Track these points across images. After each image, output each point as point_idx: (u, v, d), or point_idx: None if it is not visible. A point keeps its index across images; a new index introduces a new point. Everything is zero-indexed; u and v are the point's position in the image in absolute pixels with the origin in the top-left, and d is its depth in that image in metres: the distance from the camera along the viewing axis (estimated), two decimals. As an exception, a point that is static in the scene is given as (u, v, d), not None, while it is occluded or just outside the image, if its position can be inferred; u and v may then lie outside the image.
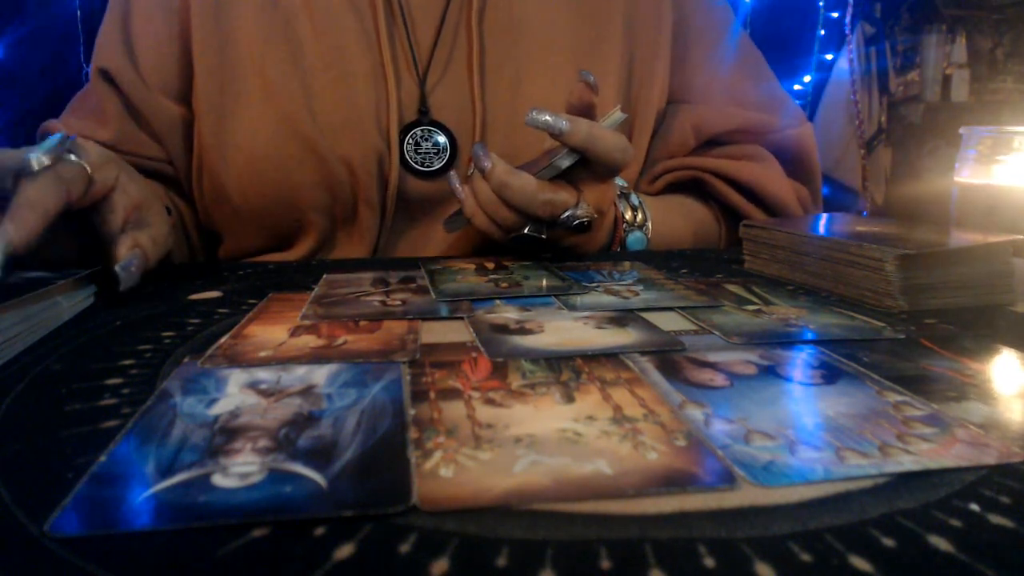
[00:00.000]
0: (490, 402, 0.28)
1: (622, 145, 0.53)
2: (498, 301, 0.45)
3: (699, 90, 0.80)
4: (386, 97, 0.67)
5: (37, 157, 0.43)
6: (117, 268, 0.44)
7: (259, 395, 0.29)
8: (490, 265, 0.56)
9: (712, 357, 0.34)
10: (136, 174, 0.51)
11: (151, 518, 0.20)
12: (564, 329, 0.38)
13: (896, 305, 0.44)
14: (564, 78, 0.53)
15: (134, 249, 0.45)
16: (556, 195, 0.53)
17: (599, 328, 0.39)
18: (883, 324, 0.40)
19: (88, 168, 0.45)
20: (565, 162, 0.53)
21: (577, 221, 0.54)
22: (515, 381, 0.31)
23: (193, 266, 0.64)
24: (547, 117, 0.51)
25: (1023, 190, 0.57)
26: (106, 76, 0.67)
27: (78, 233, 0.48)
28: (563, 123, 0.51)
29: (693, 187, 0.78)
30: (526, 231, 0.55)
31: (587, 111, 0.53)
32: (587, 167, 0.54)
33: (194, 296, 0.47)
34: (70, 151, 0.45)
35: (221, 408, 0.28)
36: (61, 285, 0.41)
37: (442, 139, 0.68)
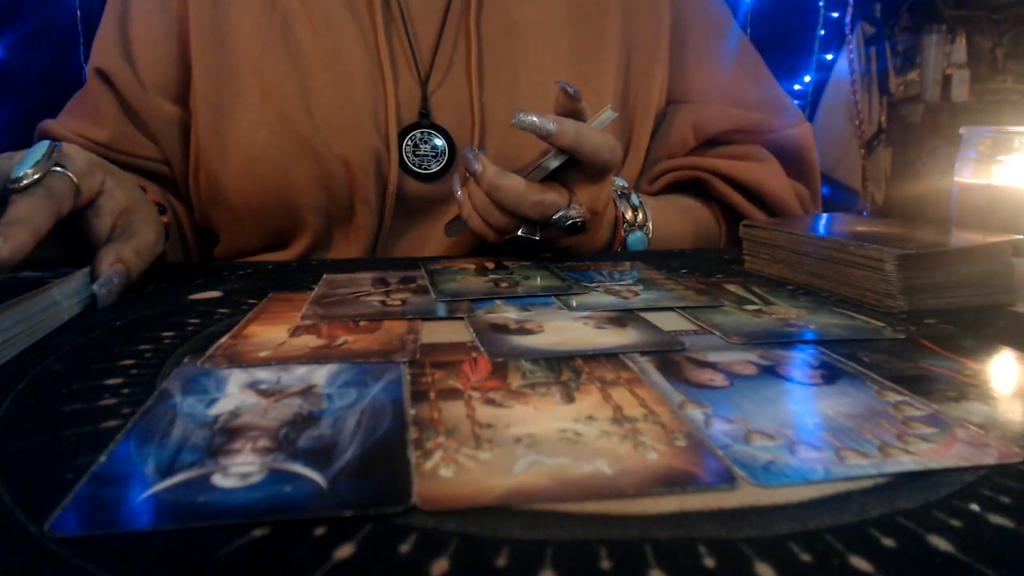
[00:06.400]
0: (490, 402, 0.28)
1: (610, 144, 0.53)
2: (498, 301, 0.44)
3: (698, 90, 0.80)
4: (384, 97, 0.67)
5: (25, 172, 0.43)
6: (95, 287, 0.44)
7: (259, 395, 0.29)
8: (490, 265, 0.56)
9: (712, 357, 0.34)
10: (124, 177, 0.51)
11: (151, 518, 0.20)
12: (564, 329, 0.38)
13: (896, 305, 0.44)
14: (562, 80, 0.54)
15: (115, 265, 0.45)
16: (546, 196, 0.53)
17: (599, 328, 0.39)
18: (883, 324, 0.40)
19: (75, 178, 0.45)
20: (553, 163, 0.53)
21: (570, 222, 0.54)
22: (515, 381, 0.31)
23: (193, 266, 0.64)
24: (534, 118, 0.51)
25: (1023, 190, 0.57)
26: (103, 76, 0.67)
27: (63, 238, 0.48)
28: (550, 124, 0.51)
29: (693, 187, 0.78)
30: (519, 233, 0.55)
31: (575, 116, 0.53)
32: (579, 167, 0.54)
33: (194, 296, 0.47)
34: (57, 162, 0.45)
35: (221, 408, 0.28)
36: (60, 282, 0.41)
37: (440, 142, 0.68)
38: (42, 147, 0.45)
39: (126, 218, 0.49)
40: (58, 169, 0.45)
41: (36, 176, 0.43)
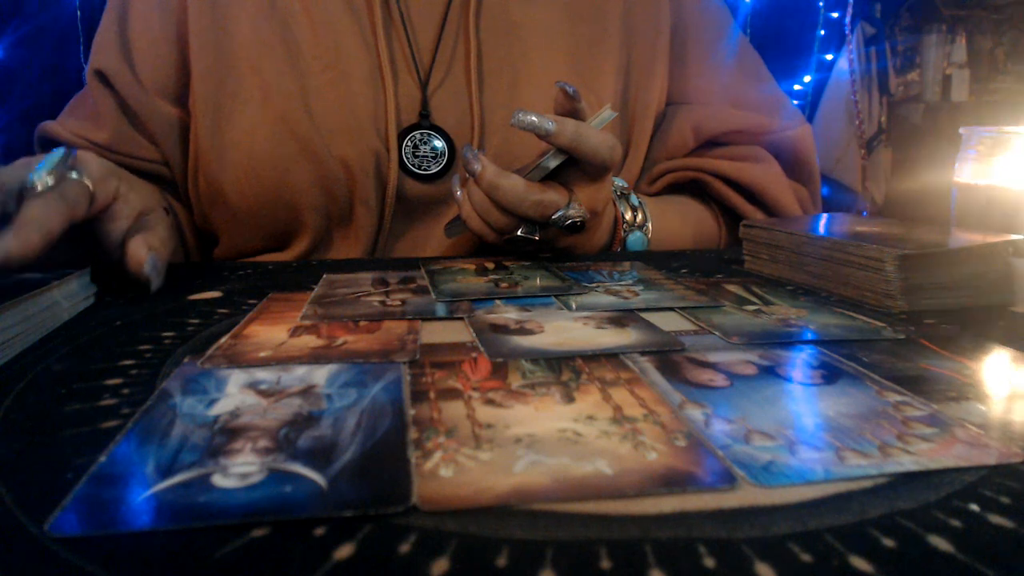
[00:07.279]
0: (490, 402, 0.28)
1: (609, 143, 0.53)
2: (498, 301, 0.44)
3: (698, 91, 0.80)
4: (384, 98, 0.67)
5: (41, 177, 0.43)
6: (146, 269, 0.45)
7: (259, 395, 0.29)
8: (490, 265, 0.56)
9: (712, 357, 0.34)
10: (137, 182, 0.52)
11: (151, 518, 0.20)
12: (564, 329, 0.38)
13: (896, 305, 0.44)
14: (562, 80, 0.54)
15: (151, 252, 0.47)
16: (545, 195, 0.53)
17: (599, 328, 0.39)
18: (883, 324, 0.40)
19: (90, 185, 0.46)
20: (552, 162, 0.53)
21: (569, 221, 0.54)
22: (515, 381, 0.31)
23: (193, 266, 0.64)
24: (533, 118, 0.51)
25: (1022, 190, 0.57)
26: (102, 78, 0.67)
27: (76, 242, 0.48)
28: (549, 124, 0.51)
29: (693, 188, 0.78)
30: (519, 233, 0.55)
31: (574, 116, 0.53)
32: (578, 167, 0.54)
33: (194, 296, 0.47)
34: (72, 168, 0.45)
35: (221, 408, 0.28)
36: (60, 284, 0.41)
37: (440, 143, 0.68)
38: (58, 153, 0.46)
39: (140, 220, 0.50)
40: (74, 175, 0.45)
41: (51, 181, 0.44)
